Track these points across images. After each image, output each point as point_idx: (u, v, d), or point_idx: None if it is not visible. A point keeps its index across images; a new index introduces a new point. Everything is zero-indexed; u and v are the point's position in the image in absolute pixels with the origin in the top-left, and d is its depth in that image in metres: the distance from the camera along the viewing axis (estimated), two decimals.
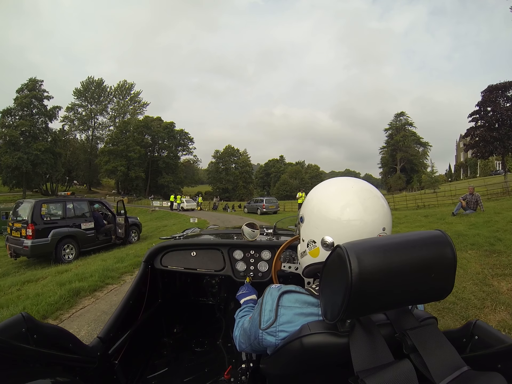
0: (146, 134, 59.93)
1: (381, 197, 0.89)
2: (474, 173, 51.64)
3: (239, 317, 1.17)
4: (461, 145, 57.49)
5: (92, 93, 64.93)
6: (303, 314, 0.80)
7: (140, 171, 56.49)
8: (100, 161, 56.03)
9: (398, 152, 63.51)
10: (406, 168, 63.59)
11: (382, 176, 71.14)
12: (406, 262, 0.62)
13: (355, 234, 0.80)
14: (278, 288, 0.87)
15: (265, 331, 0.82)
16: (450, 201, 17.96)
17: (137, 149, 55.43)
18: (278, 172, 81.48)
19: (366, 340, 0.67)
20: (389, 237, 0.68)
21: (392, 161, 65.75)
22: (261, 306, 0.86)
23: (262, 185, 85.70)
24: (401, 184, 61.04)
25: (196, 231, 2.70)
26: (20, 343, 0.79)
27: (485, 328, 0.79)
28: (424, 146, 65.18)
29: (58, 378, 0.82)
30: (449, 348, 0.66)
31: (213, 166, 72.85)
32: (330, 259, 0.68)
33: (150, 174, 61.24)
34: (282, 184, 71.62)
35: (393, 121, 67.31)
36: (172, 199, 29.71)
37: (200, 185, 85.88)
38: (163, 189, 56.70)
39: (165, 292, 2.11)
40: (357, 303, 0.61)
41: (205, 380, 1.76)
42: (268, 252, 1.79)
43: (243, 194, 69.12)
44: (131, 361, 1.63)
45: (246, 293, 1.42)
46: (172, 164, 62.53)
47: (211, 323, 2.37)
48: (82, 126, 64.88)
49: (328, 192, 0.91)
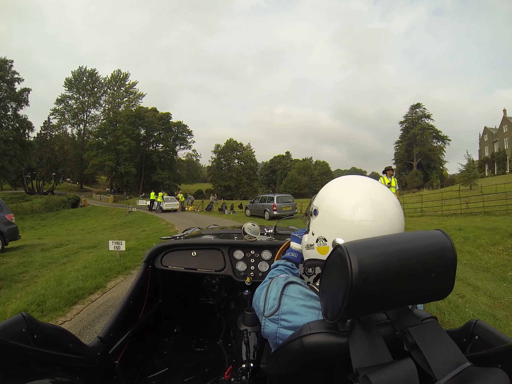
0: (139, 126, 53.76)
1: (397, 202, 0.88)
2: (503, 169, 45.72)
3: (269, 276, 1.08)
4: (485, 138, 51.80)
5: (84, 84, 59.94)
6: (305, 306, 0.82)
7: (130, 166, 50.24)
8: (87, 156, 50.61)
9: (415, 146, 57.72)
10: (422, 164, 58.05)
11: (395, 173, 65.13)
12: (406, 262, 0.62)
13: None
14: (285, 277, 0.91)
15: (268, 318, 0.85)
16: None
17: (126, 141, 49.22)
18: (285, 169, 76.29)
19: (365, 339, 0.67)
20: (390, 237, 0.68)
21: (408, 156, 60.12)
22: (266, 293, 0.90)
23: (268, 182, 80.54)
24: (418, 182, 55.65)
25: (197, 231, 2.69)
26: (20, 343, 0.79)
27: (485, 328, 0.81)
28: (442, 140, 59.16)
29: (58, 378, 0.83)
30: (451, 344, 0.65)
31: (214, 162, 67.24)
32: (330, 259, 0.68)
33: (144, 169, 55.56)
34: (289, 181, 65.52)
35: (409, 114, 61.29)
36: (152, 197, 24.06)
37: (201, 183, 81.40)
38: (158, 186, 49.86)
39: (165, 292, 2.10)
40: (357, 302, 0.61)
41: (205, 380, 1.76)
42: (268, 252, 1.84)
43: (246, 192, 63.28)
44: (131, 361, 1.64)
45: (298, 238, 1.27)
46: (167, 159, 56.78)
47: (211, 323, 2.40)
48: (73, 119, 59.90)
49: (349, 194, 0.88)
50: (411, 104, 61.04)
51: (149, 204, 24.53)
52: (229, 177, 65.13)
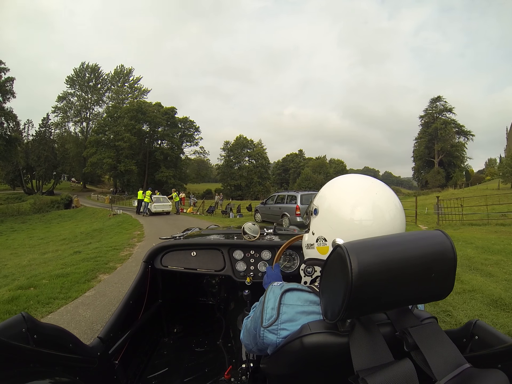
0: (141, 121, 49.37)
1: (398, 201, 0.87)
2: None
3: (245, 318, 1.10)
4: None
5: (87, 80, 57.09)
6: (304, 312, 0.80)
7: (131, 163, 46.12)
8: (86, 154, 46.94)
9: (436, 142, 52.29)
10: (443, 161, 52.72)
11: (414, 171, 60.16)
12: (406, 262, 0.63)
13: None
14: (280, 286, 0.87)
15: (267, 328, 0.82)
16: None
17: (126, 137, 44.98)
18: (298, 168, 71.70)
19: (366, 340, 0.67)
20: (390, 237, 0.68)
21: (428, 153, 54.72)
22: (263, 304, 0.86)
23: (280, 182, 75.90)
24: (440, 180, 50.92)
25: (197, 231, 2.67)
26: (20, 343, 0.79)
27: (485, 328, 0.81)
28: (465, 135, 53.40)
29: (58, 378, 0.84)
30: (450, 345, 0.65)
31: (223, 160, 63.01)
32: (330, 259, 0.68)
33: (147, 168, 51.39)
34: (304, 180, 60.17)
35: (429, 108, 55.86)
36: (140, 197, 19.04)
37: (211, 183, 77.63)
38: (162, 185, 45.58)
39: (165, 292, 2.10)
40: (357, 302, 0.61)
41: (205, 380, 1.77)
42: (268, 252, 1.83)
43: (258, 192, 58.61)
44: (131, 361, 1.65)
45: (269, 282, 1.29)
46: (173, 157, 52.53)
47: (211, 323, 2.41)
48: (76, 117, 57.08)
49: (349, 194, 0.87)
50: (431, 98, 56.00)
51: (136, 205, 19.98)
52: (239, 175, 60.86)
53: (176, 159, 53.54)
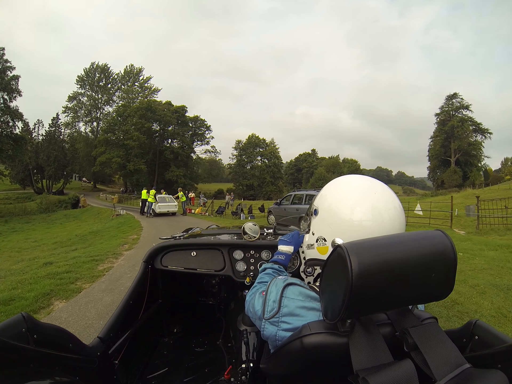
0: (151, 119, 48.26)
1: (398, 201, 0.87)
2: None
3: (258, 281, 1.09)
4: None
5: (97, 80, 56.42)
6: (305, 307, 0.81)
7: (140, 163, 45.03)
8: (95, 153, 46.03)
9: (453, 141, 49.26)
10: (459, 160, 49.66)
11: (429, 171, 57.02)
12: (406, 262, 0.62)
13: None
14: (284, 279, 0.90)
15: (268, 320, 0.84)
16: None
17: (135, 136, 44.00)
18: (311, 167, 69.82)
19: (365, 340, 0.67)
20: (390, 237, 0.68)
21: (445, 152, 51.69)
22: (266, 295, 0.88)
23: (293, 182, 74.00)
24: (457, 180, 47.83)
25: (197, 231, 2.64)
26: (20, 343, 0.79)
27: (485, 328, 0.80)
28: (483, 133, 50.06)
29: (58, 378, 0.83)
30: (450, 345, 0.65)
31: (235, 159, 61.46)
32: (330, 259, 0.68)
33: (157, 167, 50.27)
34: (317, 179, 57.73)
35: (445, 105, 52.71)
36: (144, 196, 17.34)
37: (223, 183, 76.30)
38: (172, 185, 44.32)
39: (165, 292, 2.08)
40: (357, 303, 0.61)
41: (205, 380, 1.76)
42: (268, 252, 1.82)
43: (271, 192, 56.91)
44: (131, 361, 1.63)
45: (285, 241, 1.28)
46: (183, 156, 51.00)
47: (211, 323, 2.37)
48: (87, 117, 56.47)
49: (348, 195, 0.88)
50: (447, 95, 52.93)
51: (140, 204, 18.26)
52: (252, 175, 59.21)
53: (186, 158, 52.19)
